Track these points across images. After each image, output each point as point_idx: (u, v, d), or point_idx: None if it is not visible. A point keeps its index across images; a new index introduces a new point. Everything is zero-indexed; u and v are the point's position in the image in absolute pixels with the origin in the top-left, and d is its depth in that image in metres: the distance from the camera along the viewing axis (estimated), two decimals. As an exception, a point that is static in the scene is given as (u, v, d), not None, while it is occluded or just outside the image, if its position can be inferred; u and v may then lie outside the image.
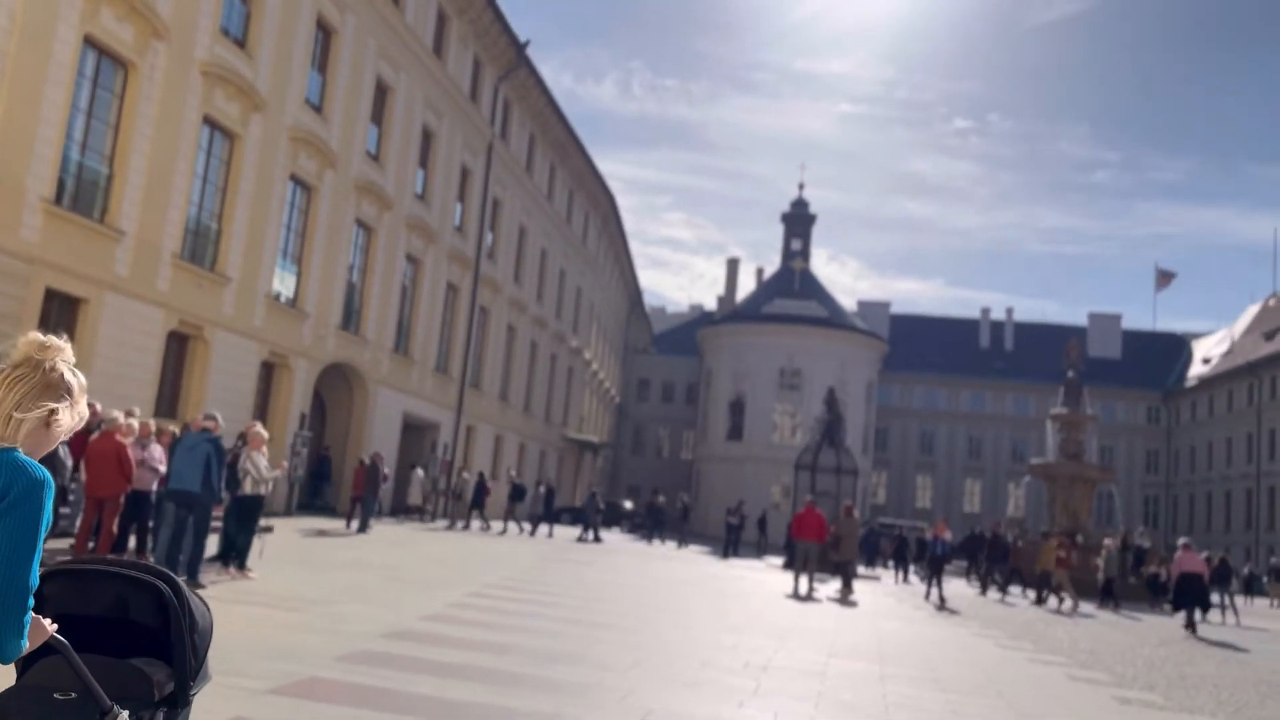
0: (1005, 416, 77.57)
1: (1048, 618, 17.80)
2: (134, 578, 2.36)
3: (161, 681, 2.32)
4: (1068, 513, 32.21)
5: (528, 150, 39.65)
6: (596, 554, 23.11)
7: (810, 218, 65.27)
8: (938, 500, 76.46)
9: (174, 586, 2.36)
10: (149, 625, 2.37)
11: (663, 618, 11.52)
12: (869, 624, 13.52)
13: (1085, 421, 33.65)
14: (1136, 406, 76.81)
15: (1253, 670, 12.38)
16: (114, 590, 2.37)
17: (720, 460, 59.68)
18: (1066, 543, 25.08)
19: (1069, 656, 11.95)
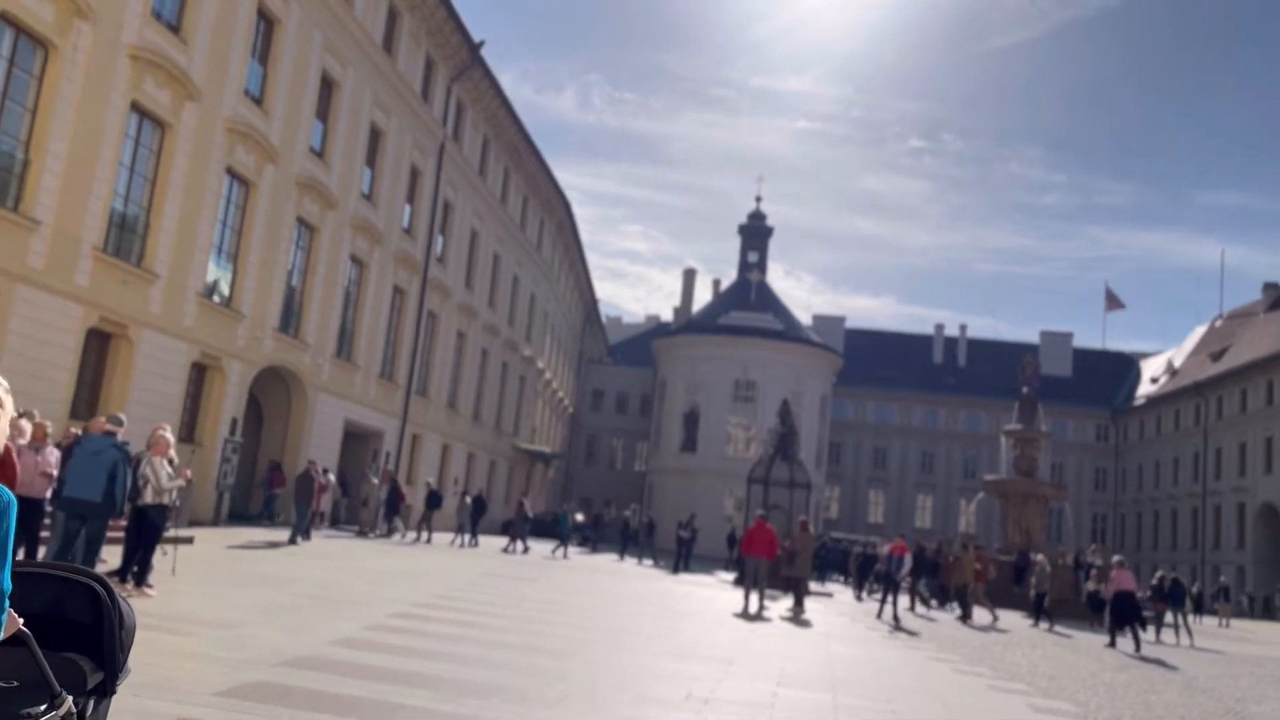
0: (957, 432, 77.85)
1: (1005, 640, 17.28)
2: (71, 579, 2.67)
3: (89, 673, 2.58)
4: (1020, 530, 31.95)
5: (481, 153, 38.79)
6: (540, 569, 22.26)
7: (767, 230, 65.02)
8: (890, 515, 76.44)
9: (107, 588, 2.67)
10: (83, 622, 2.64)
11: (601, 641, 10.75)
12: (821, 647, 12.86)
13: (1039, 438, 33.48)
14: (1086, 425, 77.48)
15: (1217, 699, 11.89)
16: (52, 590, 2.65)
17: (673, 472, 59.00)
18: (984, 556, 24.80)
19: (1030, 684, 11.37)
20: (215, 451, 21.84)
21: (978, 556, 22.64)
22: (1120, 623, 18.40)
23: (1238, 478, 59.82)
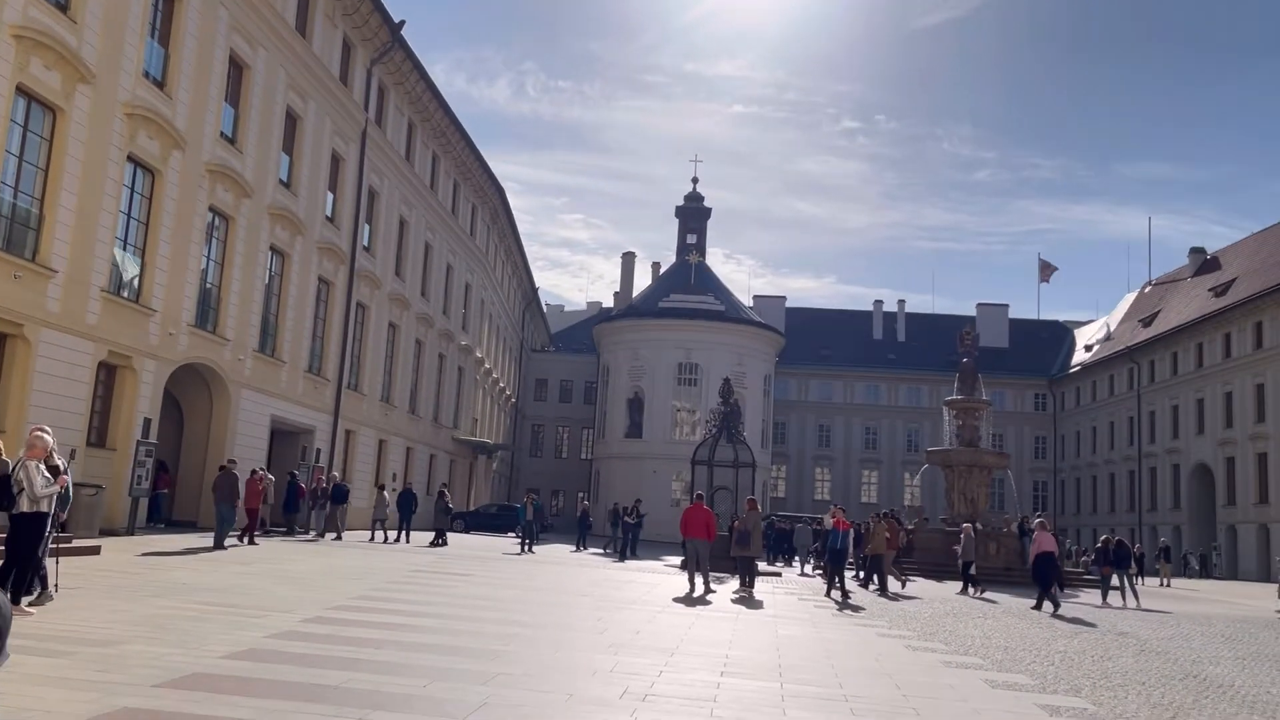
0: (899, 407, 78.40)
1: (958, 611, 16.95)
2: None
3: None
4: (966, 500, 31.90)
5: (407, 138, 37.61)
6: (478, 564, 21.46)
7: (705, 211, 64.54)
8: (836, 492, 76.73)
9: None
10: None
11: (533, 638, 10.06)
12: (768, 630, 12.31)
13: (981, 407, 33.45)
14: (1025, 394, 78.51)
15: (1172, 661, 11.58)
16: None
17: (620, 458, 58.42)
18: (894, 526, 24.58)
19: (984, 657, 10.94)
20: (129, 455, 20.67)
21: (888, 526, 22.40)
22: (1041, 584, 18.64)
23: (1171, 440, 60.99)
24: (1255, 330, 53.33)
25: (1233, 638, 15.02)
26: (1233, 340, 55.34)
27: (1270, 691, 9.51)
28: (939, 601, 18.99)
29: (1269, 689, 9.69)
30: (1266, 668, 11.40)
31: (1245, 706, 8.62)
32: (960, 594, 21.74)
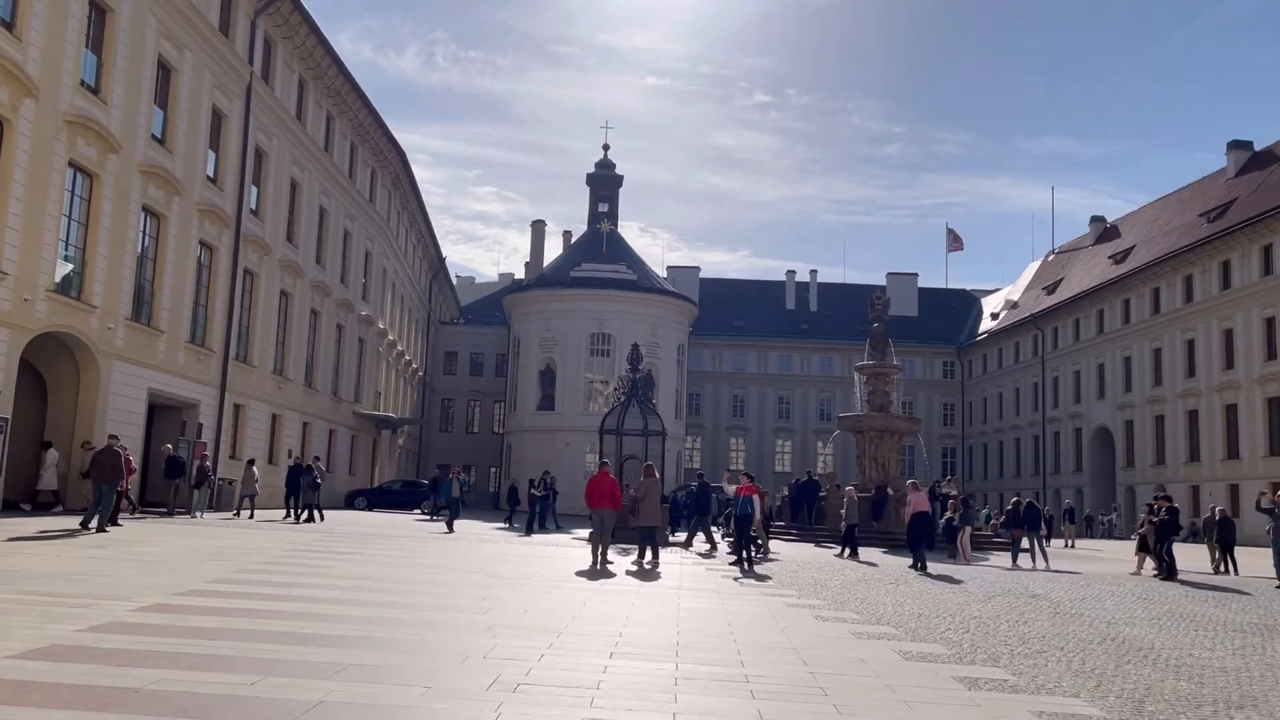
0: (812, 376, 78.81)
1: (869, 579, 16.40)
2: None
3: None
4: (877, 465, 31.73)
5: (298, 96, 35.59)
6: (368, 542, 20.23)
7: (617, 179, 63.37)
8: (751, 461, 76.80)
9: None
10: None
11: (403, 620, 9.01)
12: (669, 603, 11.47)
13: (891, 372, 33.28)
14: (934, 362, 79.64)
15: (1088, 624, 11.11)
16: None
17: (532, 432, 57.26)
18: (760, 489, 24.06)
19: (897, 625, 10.28)
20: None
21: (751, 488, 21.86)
22: (914, 544, 18.81)
23: (1074, 404, 62.40)
24: (1153, 296, 54.66)
25: (1144, 597, 14.77)
26: (1132, 306, 56.69)
27: (1192, 653, 9.02)
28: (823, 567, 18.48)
29: (1190, 650, 9.22)
30: (1183, 627, 11.01)
31: (1170, 671, 8.07)
32: (837, 556, 21.54)
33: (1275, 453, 44.58)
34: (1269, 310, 45.50)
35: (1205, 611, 12.80)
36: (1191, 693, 7.20)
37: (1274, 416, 45.00)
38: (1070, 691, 7.02)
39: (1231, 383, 47.70)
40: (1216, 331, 49.02)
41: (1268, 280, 45.55)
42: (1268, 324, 45.62)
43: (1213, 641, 9.85)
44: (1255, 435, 45.89)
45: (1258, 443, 45.70)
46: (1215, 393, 48.87)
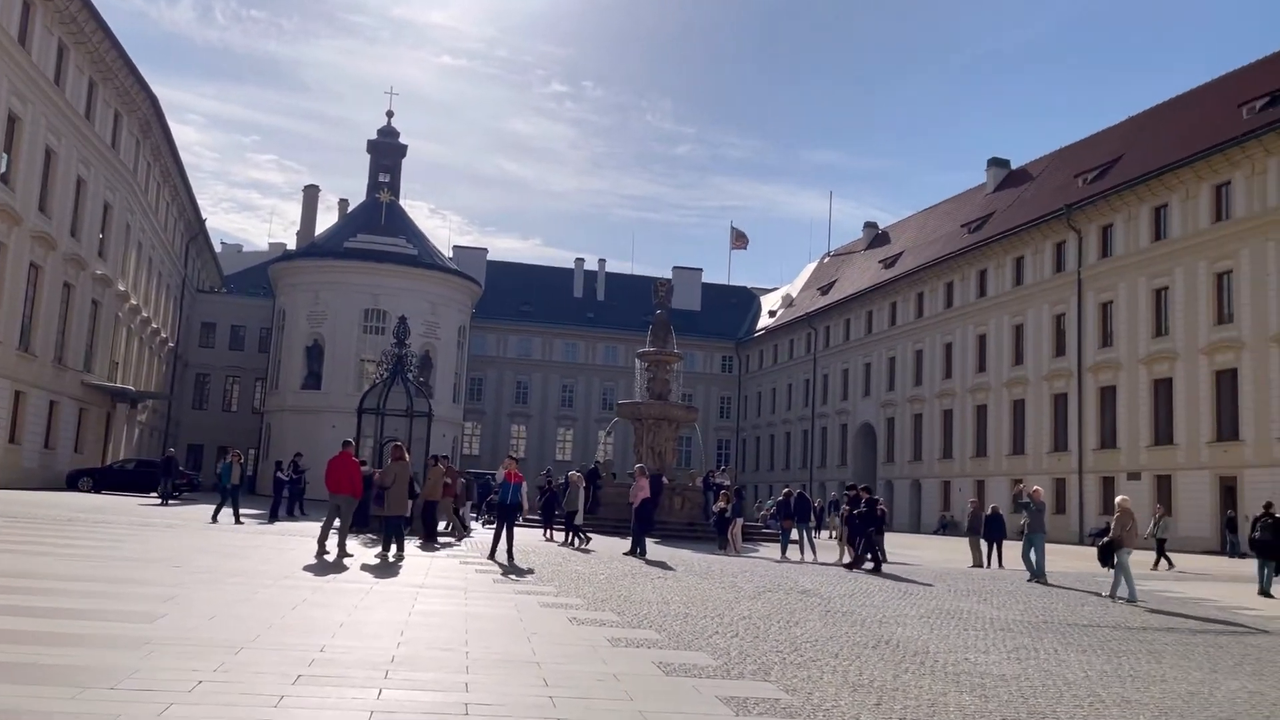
0: (596, 365, 78.45)
1: (635, 573, 15.30)
2: None
3: None
4: (654, 454, 31.05)
5: (21, 18, 30.88)
6: (58, 528, 17.26)
7: (400, 148, 60.17)
8: (532, 449, 75.59)
9: None
10: None
11: (42, 634, 6.92)
12: (402, 606, 9.82)
13: (672, 360, 32.74)
14: (714, 355, 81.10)
15: (860, 624, 10.38)
16: None
17: (295, 411, 53.37)
18: (453, 470, 23.12)
19: (660, 629, 9.10)
20: None
21: (446, 470, 20.57)
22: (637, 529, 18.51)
23: (841, 401, 64.90)
24: (917, 300, 57.50)
25: (908, 592, 14.44)
26: (898, 309, 59.45)
27: (968, 658, 8.33)
28: (589, 560, 17.37)
29: (965, 654, 8.54)
30: (952, 627, 10.47)
31: (951, 681, 7.27)
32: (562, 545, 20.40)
33: (1017, 451, 47.73)
34: (1018, 318, 48.66)
35: (970, 608, 12.49)
36: (977, 708, 6.36)
37: (1018, 418, 48.18)
38: (850, 713, 5.98)
39: (983, 385, 50.75)
40: (973, 336, 52.03)
41: (1018, 290, 48.70)
42: (1016, 330, 48.79)
43: (986, 643, 9.28)
44: (1001, 435, 49.00)
45: (1003, 442, 48.83)
46: (969, 394, 51.88)
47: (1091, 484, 42.24)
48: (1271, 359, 34.93)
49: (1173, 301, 39.55)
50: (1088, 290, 43.99)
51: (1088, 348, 43.69)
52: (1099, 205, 43.35)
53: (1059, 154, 53.96)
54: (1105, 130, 51.02)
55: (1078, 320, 44.32)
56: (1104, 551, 15.32)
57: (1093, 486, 42.05)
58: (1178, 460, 38.55)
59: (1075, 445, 43.75)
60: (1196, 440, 37.76)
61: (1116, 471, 41.31)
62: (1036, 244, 47.60)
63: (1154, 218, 40.96)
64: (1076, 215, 44.39)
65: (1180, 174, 39.12)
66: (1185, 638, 10.55)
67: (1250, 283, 35.99)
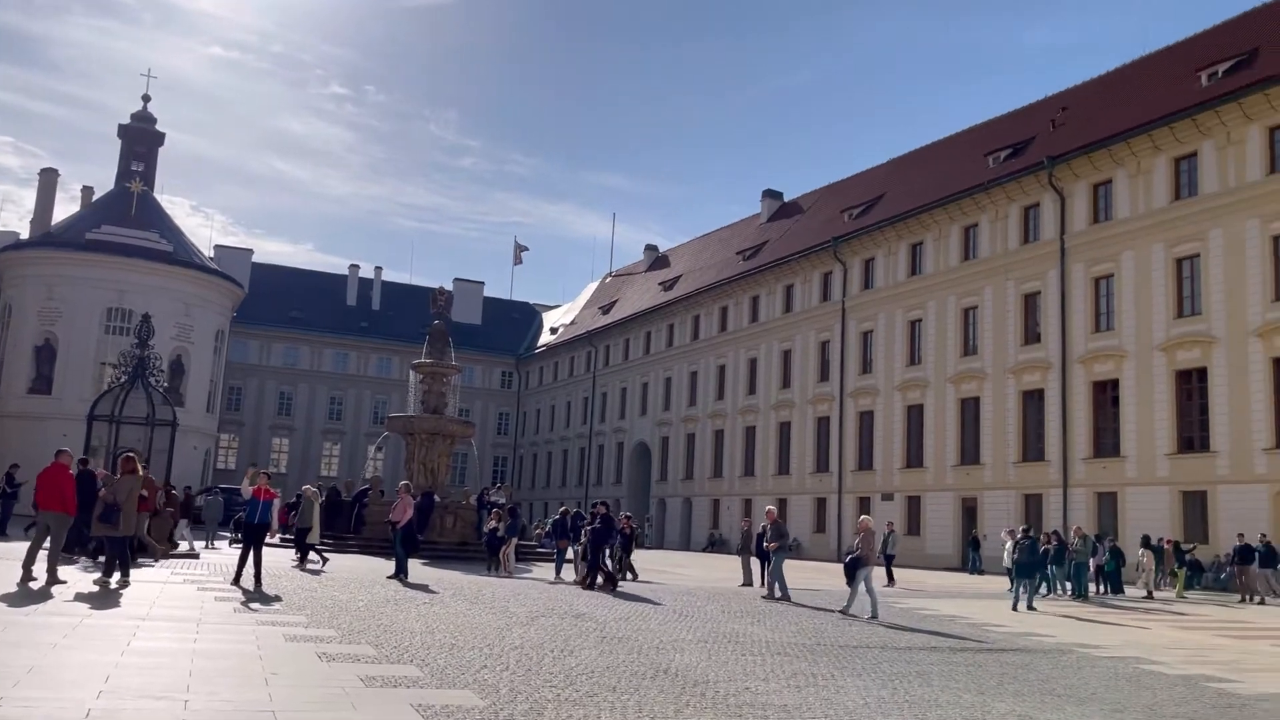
0: (369, 377, 75.50)
1: (399, 599, 14.23)
2: None
3: None
4: (427, 470, 29.77)
5: None
6: None
7: (156, 135, 55.54)
8: (295, 464, 71.58)
9: None
10: None
11: None
12: (115, 642, 8.42)
13: (449, 372, 31.60)
14: (493, 371, 79.92)
15: (637, 651, 9.91)
16: None
17: (19, 418, 47.76)
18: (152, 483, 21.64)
19: (423, 664, 8.23)
20: None
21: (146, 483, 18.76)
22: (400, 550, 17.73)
23: (619, 419, 65.40)
24: (694, 323, 58.87)
25: (684, 614, 14.20)
26: (675, 331, 60.65)
27: (749, 687, 8.00)
28: (349, 583, 16.19)
29: (745, 683, 8.22)
30: (731, 652, 10.20)
31: (734, 715, 6.87)
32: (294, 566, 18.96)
33: (783, 471, 49.60)
34: (787, 344, 50.68)
35: (746, 630, 12.34)
36: (762, 746, 5.96)
37: (784, 439, 50.08)
38: (630, 760, 5.41)
39: (753, 406, 52.46)
40: (744, 359, 53.76)
41: (788, 316, 50.76)
42: (785, 355, 50.79)
43: (765, 670, 9.02)
44: (769, 455, 50.78)
45: (770, 462, 50.61)
46: (739, 415, 53.50)
47: (850, 504, 44.39)
48: (1009, 389, 38.00)
49: (925, 333, 42.35)
50: (850, 319, 46.43)
51: (849, 374, 46.04)
52: (862, 240, 45.91)
53: (828, 189, 56.91)
54: (870, 170, 54.30)
55: (841, 347, 46.66)
56: (849, 568, 15.79)
57: (850, 506, 44.19)
58: (926, 482, 41.17)
59: (836, 466, 45.92)
60: (943, 464, 40.47)
61: (872, 492, 43.65)
62: (805, 273, 49.82)
63: (911, 254, 43.79)
64: (842, 248, 46.81)
65: (935, 214, 42.04)
66: (947, 657, 10.78)
67: (993, 318, 39.05)
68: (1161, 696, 8.69)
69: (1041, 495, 35.98)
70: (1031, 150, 39.85)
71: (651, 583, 21.17)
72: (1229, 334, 30.62)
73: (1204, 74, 33.94)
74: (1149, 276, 33.36)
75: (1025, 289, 38.03)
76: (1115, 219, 34.80)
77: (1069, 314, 35.89)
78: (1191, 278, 32.32)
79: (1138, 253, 33.84)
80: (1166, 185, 33.34)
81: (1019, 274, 38.26)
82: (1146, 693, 8.85)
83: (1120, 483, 33.32)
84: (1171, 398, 32.18)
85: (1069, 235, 36.31)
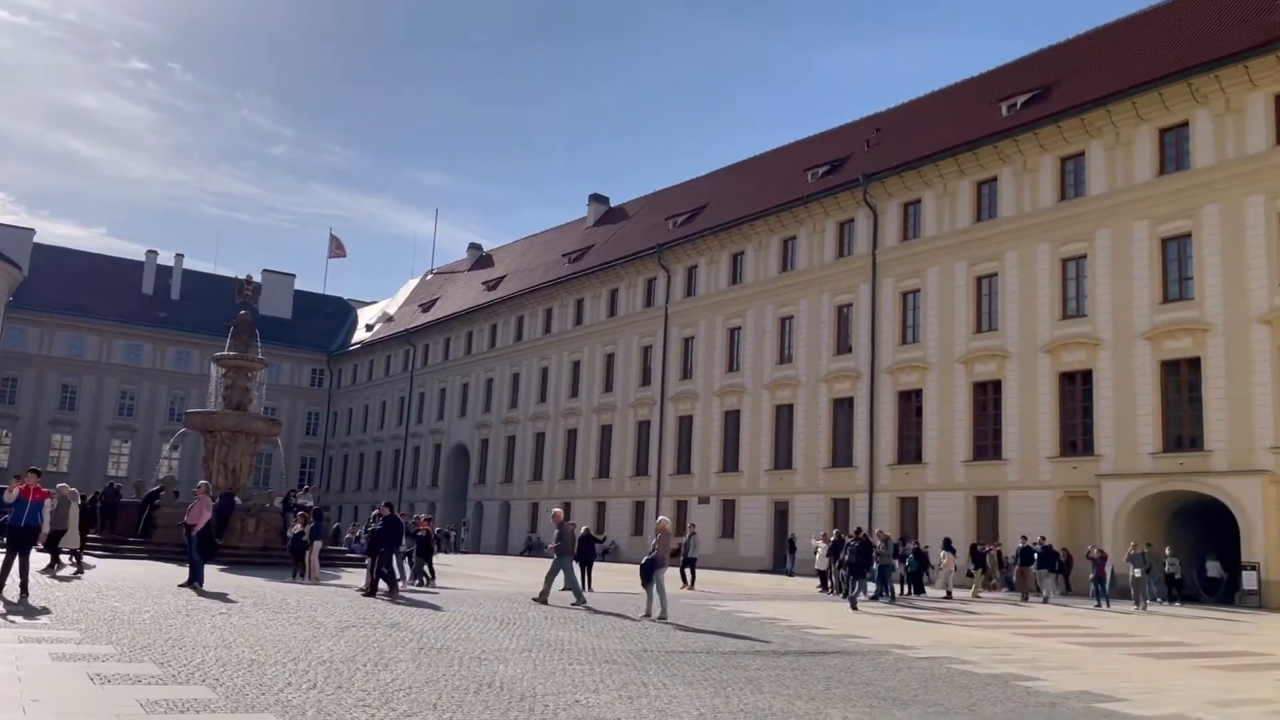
0: (166, 371, 70.75)
1: (192, 609, 13.02)
2: None
3: None
4: (227, 470, 27.89)
5: None
6: None
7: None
8: (77, 463, 66.13)
9: None
10: None
11: None
12: None
13: (254, 366, 29.76)
14: (303, 368, 76.51)
15: (458, 662, 9.33)
16: None
17: None
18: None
19: (216, 685, 7.39)
20: None
21: None
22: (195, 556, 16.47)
23: (437, 420, 63.84)
24: (518, 324, 58.14)
25: (506, 621, 13.66)
26: (498, 331, 59.72)
27: (579, 700, 7.60)
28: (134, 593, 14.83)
29: (575, 695, 7.81)
30: (556, 661, 9.77)
31: (564, 731, 6.45)
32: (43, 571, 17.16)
33: (603, 475, 49.60)
34: (610, 348, 50.76)
35: (571, 637, 11.94)
36: (596, 765, 5.57)
37: (605, 443, 50.10)
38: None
39: (575, 409, 52.25)
40: (568, 362, 53.49)
41: (612, 320, 50.87)
42: (608, 359, 50.84)
43: (593, 680, 8.64)
44: (589, 459, 50.67)
45: (591, 465, 50.50)
46: (561, 418, 53.15)
47: (667, 507, 44.81)
48: (821, 397, 39.34)
49: (744, 341, 43.33)
50: (673, 325, 46.98)
51: (670, 379, 46.56)
52: (686, 247, 46.55)
53: (654, 196, 57.51)
54: (694, 179, 55.25)
55: (663, 353, 47.14)
56: (645, 570, 15.74)
57: (668, 509, 44.62)
58: (741, 486, 42.08)
59: (655, 470, 46.30)
60: (757, 468, 41.47)
61: (690, 495, 44.26)
62: (630, 278, 50.07)
63: (732, 263, 44.74)
64: (666, 255, 47.32)
65: (755, 225, 43.10)
66: (773, 661, 10.75)
67: (808, 328, 40.36)
68: (978, 696, 8.89)
69: (849, 500, 37.42)
70: (847, 168, 41.51)
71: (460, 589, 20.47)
72: (1021, 348, 32.76)
73: (1004, 104, 36.29)
74: (952, 293, 35.30)
75: (839, 301, 39.52)
76: (923, 236, 36.67)
77: (879, 326, 37.53)
78: (990, 295, 34.41)
79: (942, 269, 35.76)
80: (969, 207, 35.41)
81: (833, 286, 39.72)
82: (963, 693, 9.05)
83: (921, 488, 35.06)
84: (969, 408, 34.13)
85: (880, 250, 38.00)
